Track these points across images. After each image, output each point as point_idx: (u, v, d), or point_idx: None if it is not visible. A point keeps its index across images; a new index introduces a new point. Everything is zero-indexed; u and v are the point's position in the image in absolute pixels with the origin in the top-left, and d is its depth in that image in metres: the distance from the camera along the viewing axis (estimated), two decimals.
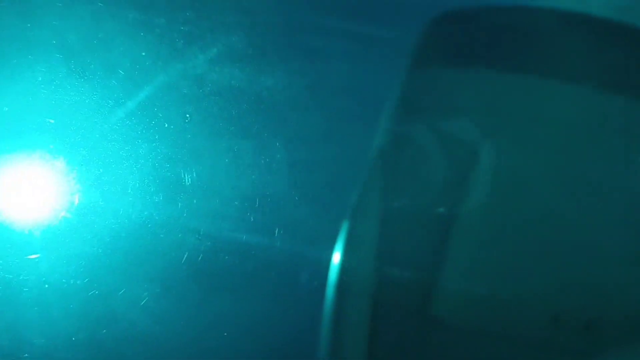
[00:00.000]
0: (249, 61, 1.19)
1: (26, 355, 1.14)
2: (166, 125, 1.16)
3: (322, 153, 1.23)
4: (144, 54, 1.14)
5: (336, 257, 1.22)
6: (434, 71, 1.15)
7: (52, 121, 1.13)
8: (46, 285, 1.14)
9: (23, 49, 1.12)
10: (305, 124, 1.23)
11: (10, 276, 1.11)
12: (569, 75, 1.04)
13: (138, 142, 1.16)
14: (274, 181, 1.23)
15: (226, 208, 1.20)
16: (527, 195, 1.08)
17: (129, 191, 1.15)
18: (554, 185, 1.07)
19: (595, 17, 1.17)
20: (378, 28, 1.28)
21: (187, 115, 1.17)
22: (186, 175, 1.20)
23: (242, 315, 1.24)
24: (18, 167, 1.14)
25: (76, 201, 1.15)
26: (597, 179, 1.06)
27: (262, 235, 1.22)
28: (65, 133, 1.15)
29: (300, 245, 1.23)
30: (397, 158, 1.17)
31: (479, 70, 1.10)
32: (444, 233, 1.10)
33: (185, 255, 1.19)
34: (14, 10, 1.10)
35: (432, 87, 1.15)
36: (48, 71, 1.13)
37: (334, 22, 1.30)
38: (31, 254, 1.14)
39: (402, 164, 1.17)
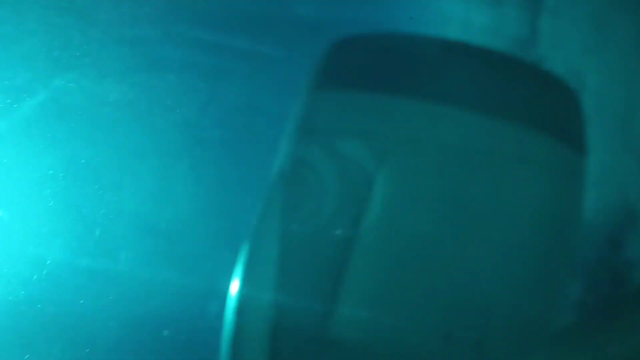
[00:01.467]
0: (141, 76, 1.15)
1: None
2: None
3: (219, 174, 1.22)
4: None
5: (234, 283, 1.21)
6: (332, 94, 1.18)
7: None
8: None
9: None
10: (202, 144, 1.21)
11: None
12: (460, 102, 1.10)
13: None
14: (167, 205, 1.20)
15: (116, 236, 1.15)
16: (421, 219, 1.12)
17: None
18: (446, 208, 1.12)
19: (487, 49, 1.24)
20: (277, 48, 1.28)
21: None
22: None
23: (141, 341, 1.19)
24: None
25: None
26: (485, 204, 1.12)
27: (156, 264, 1.18)
28: None
29: (196, 271, 1.20)
30: (297, 180, 1.18)
31: (375, 95, 1.13)
32: (342, 256, 1.12)
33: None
34: None
35: (329, 109, 1.17)
36: None
37: (230, 41, 1.29)
38: None
39: (301, 187, 1.17)
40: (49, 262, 1.15)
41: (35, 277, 1.14)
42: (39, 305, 1.16)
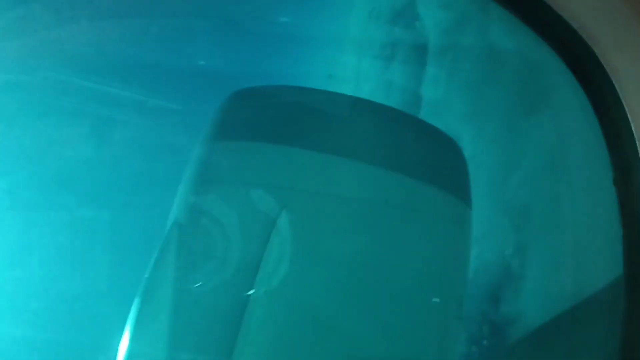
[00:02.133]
0: (32, 123, 1.10)
1: None
2: None
3: (113, 224, 1.17)
4: None
5: (124, 341, 1.14)
6: (232, 144, 1.19)
7: None
8: None
9: None
10: (93, 193, 1.16)
11: None
12: (356, 155, 1.14)
13: None
14: (53, 259, 1.13)
15: None
16: (319, 271, 1.13)
17: None
18: (342, 260, 1.14)
19: (383, 105, 1.31)
20: (174, 100, 1.28)
21: None
22: None
23: None
24: None
25: None
26: (382, 256, 1.17)
27: (41, 322, 1.10)
28: None
29: (83, 329, 1.13)
30: (193, 231, 1.15)
31: (275, 146, 1.15)
32: (238, 309, 1.10)
33: None
34: None
35: (229, 159, 1.18)
36: None
37: (124, 91, 1.27)
38: None
39: (198, 238, 1.15)
40: None
41: None
42: None
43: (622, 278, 0.92)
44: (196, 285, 1.14)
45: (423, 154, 1.24)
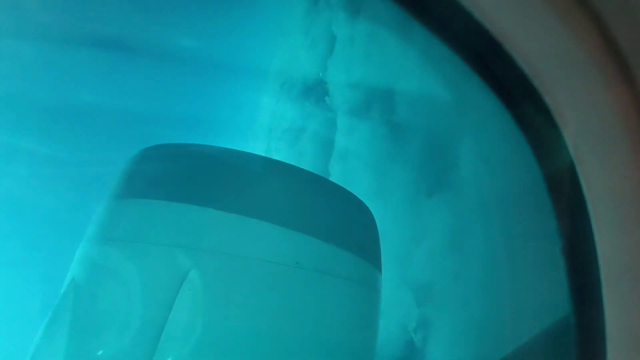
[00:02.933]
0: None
1: None
2: None
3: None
4: None
5: None
6: (137, 202, 1.16)
7: None
8: None
9: None
10: None
11: None
12: (267, 216, 1.14)
13: None
14: None
15: None
16: (227, 328, 1.11)
17: None
18: (251, 321, 1.12)
19: (296, 168, 1.33)
20: (75, 152, 1.24)
21: None
22: None
23: None
24: None
25: None
26: (292, 317, 1.15)
27: None
28: None
29: None
30: (92, 291, 1.10)
31: (181, 205, 1.14)
32: None
33: None
34: None
35: (133, 218, 1.15)
36: None
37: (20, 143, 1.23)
38: None
39: (97, 298, 1.10)
40: None
41: None
42: None
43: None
44: (98, 353, 1.08)
45: (334, 216, 1.26)
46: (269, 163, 1.41)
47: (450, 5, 0.55)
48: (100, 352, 1.07)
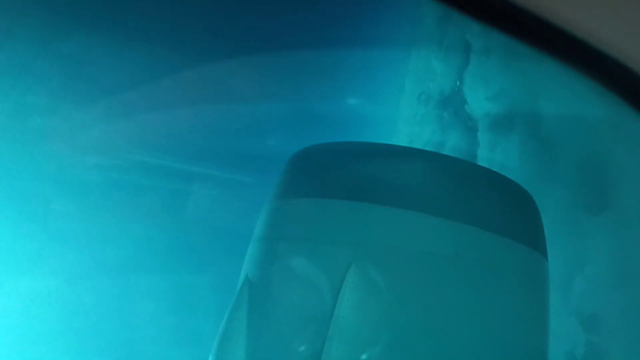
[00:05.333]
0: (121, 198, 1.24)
1: None
2: None
3: (187, 282, 1.26)
4: None
5: None
6: (299, 202, 1.25)
7: None
8: None
9: None
10: (168, 257, 1.26)
11: None
12: (429, 209, 1.19)
13: None
14: (128, 323, 1.21)
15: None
16: (392, 325, 1.16)
17: None
18: (417, 314, 1.17)
19: (455, 158, 1.35)
20: (246, 174, 1.40)
21: None
22: None
23: None
24: None
25: None
26: (458, 309, 1.18)
27: None
28: None
29: None
30: (263, 288, 1.21)
31: (343, 202, 1.20)
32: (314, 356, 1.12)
33: None
34: None
35: (297, 216, 1.24)
36: None
37: (200, 169, 1.41)
38: None
39: (268, 294, 1.20)
40: None
41: None
42: None
43: None
44: (274, 346, 1.17)
45: (496, 205, 1.26)
46: (426, 155, 1.43)
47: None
48: (265, 337, 1.17)
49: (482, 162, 2.54)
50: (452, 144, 2.33)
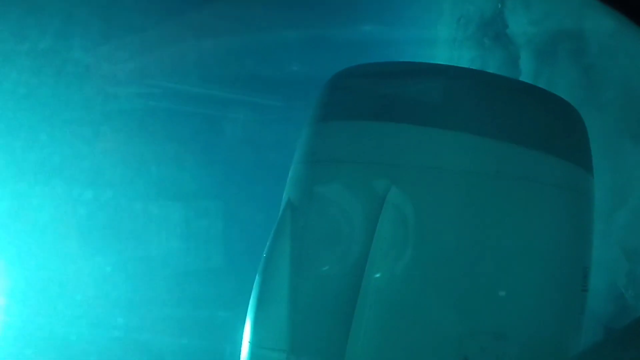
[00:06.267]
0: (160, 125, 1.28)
1: None
2: None
3: (232, 209, 1.30)
4: None
5: (248, 314, 1.24)
6: (336, 124, 1.28)
7: None
8: None
9: None
10: (209, 182, 1.31)
11: None
12: (467, 127, 1.19)
13: None
14: (180, 243, 1.27)
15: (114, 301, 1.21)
16: (433, 244, 1.19)
17: None
18: (458, 233, 1.19)
19: (488, 73, 1.32)
20: (277, 99, 1.43)
21: None
22: None
23: None
24: None
25: None
26: (499, 227, 1.20)
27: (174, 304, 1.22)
28: None
29: (210, 305, 1.24)
30: (304, 211, 1.24)
31: (380, 123, 1.22)
32: (353, 286, 1.16)
33: None
34: None
35: (335, 139, 1.27)
36: None
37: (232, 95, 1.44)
38: None
39: (309, 217, 1.23)
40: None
41: None
42: None
43: None
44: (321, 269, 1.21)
45: (539, 121, 1.25)
46: (467, 73, 1.41)
47: None
48: (308, 256, 1.20)
49: None
50: (492, 70, 2.29)
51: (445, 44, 2.32)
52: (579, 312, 1.27)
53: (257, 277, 1.27)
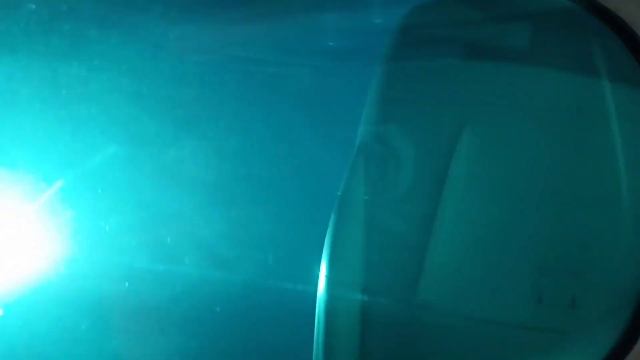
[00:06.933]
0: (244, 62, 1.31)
1: None
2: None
3: (305, 151, 1.34)
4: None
5: (325, 253, 1.29)
6: (410, 62, 1.27)
7: None
8: None
9: None
10: (285, 124, 1.34)
11: None
12: (545, 62, 1.17)
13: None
14: (254, 187, 1.32)
15: (204, 213, 1.27)
16: (508, 179, 1.19)
17: None
18: (533, 168, 1.19)
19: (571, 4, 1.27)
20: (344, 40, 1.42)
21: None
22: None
23: (237, 328, 1.28)
24: None
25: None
26: (572, 161, 1.19)
27: (249, 247, 1.28)
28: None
29: (288, 245, 1.30)
30: (379, 151, 1.26)
31: (452, 60, 1.21)
32: (428, 221, 1.18)
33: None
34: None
35: (408, 77, 1.27)
36: None
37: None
38: None
39: (383, 158, 1.26)
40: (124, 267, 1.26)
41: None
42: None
43: None
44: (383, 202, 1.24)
45: (620, 53, 1.16)
46: (547, 3, 1.34)
47: None
48: (382, 195, 1.23)
49: None
50: None
51: None
52: None
53: (332, 215, 1.32)
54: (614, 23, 1.08)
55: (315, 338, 1.28)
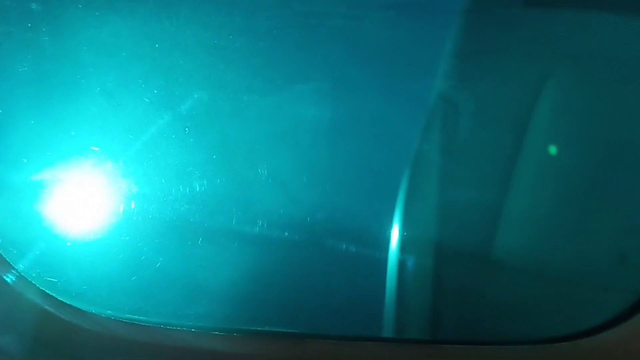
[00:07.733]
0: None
1: None
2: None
3: (377, 106, 1.33)
4: None
5: (398, 209, 1.29)
6: (490, 13, 1.24)
7: None
8: None
9: None
10: (358, 78, 1.33)
11: None
12: (628, 9, 1.12)
13: None
14: (326, 139, 1.32)
15: (272, 182, 1.29)
16: (591, 133, 1.15)
17: None
18: (615, 122, 1.15)
19: None
20: None
21: None
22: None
23: (308, 287, 1.30)
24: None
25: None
26: None
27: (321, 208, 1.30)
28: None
29: (363, 198, 1.31)
30: (455, 103, 1.25)
31: (535, 9, 1.17)
32: (505, 177, 1.17)
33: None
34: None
35: (489, 29, 1.23)
36: None
37: None
38: None
39: (460, 109, 1.24)
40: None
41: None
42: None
43: None
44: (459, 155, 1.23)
45: None
46: None
47: None
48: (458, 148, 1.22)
49: None
50: None
51: None
52: None
53: (406, 171, 1.31)
54: None
55: (386, 294, 1.29)
